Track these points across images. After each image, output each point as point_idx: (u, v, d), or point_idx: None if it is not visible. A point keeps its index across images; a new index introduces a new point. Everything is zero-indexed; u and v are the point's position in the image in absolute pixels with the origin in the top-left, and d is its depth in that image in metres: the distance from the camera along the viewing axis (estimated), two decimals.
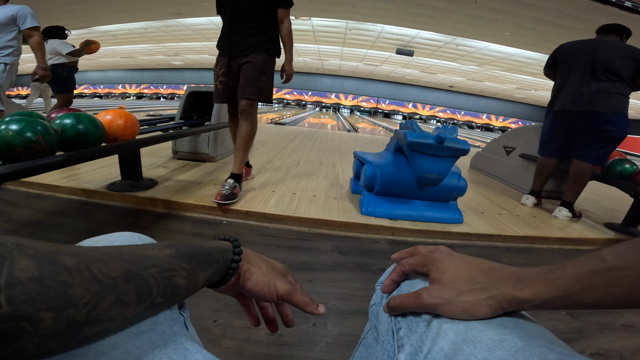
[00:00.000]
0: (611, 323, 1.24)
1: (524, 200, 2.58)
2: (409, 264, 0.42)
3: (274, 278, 0.44)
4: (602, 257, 0.30)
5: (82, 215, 1.71)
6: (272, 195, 2.06)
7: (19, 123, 1.17)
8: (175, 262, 0.31)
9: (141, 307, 0.27)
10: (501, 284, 0.34)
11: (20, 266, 0.19)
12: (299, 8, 9.08)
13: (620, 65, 2.09)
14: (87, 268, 0.23)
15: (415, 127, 1.70)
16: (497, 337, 0.30)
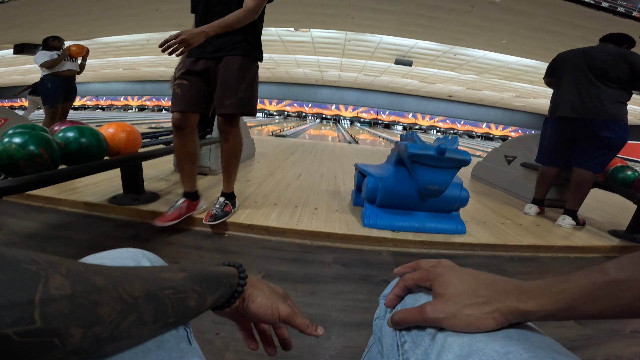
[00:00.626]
0: (620, 330, 1.23)
1: (526, 209, 2.57)
2: (412, 278, 0.42)
3: (276, 301, 0.46)
4: (605, 270, 0.31)
5: (84, 229, 1.71)
6: (274, 209, 2.06)
7: (22, 136, 1.18)
8: (189, 284, 0.33)
9: (156, 326, 0.28)
10: (505, 296, 0.34)
11: (54, 284, 0.20)
12: (299, 20, 9.22)
13: (616, 71, 2.11)
14: (114, 288, 0.24)
15: (416, 138, 1.70)
16: (503, 349, 0.30)
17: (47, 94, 3.96)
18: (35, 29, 9.45)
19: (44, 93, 3.95)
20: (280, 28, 10.43)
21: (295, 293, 1.28)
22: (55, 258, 0.22)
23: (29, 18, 8.63)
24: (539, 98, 17.63)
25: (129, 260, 0.41)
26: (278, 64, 17.20)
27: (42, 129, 1.31)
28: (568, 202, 2.36)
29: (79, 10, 8.10)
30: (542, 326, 1.18)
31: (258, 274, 1.40)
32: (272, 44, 12.60)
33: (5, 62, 15.04)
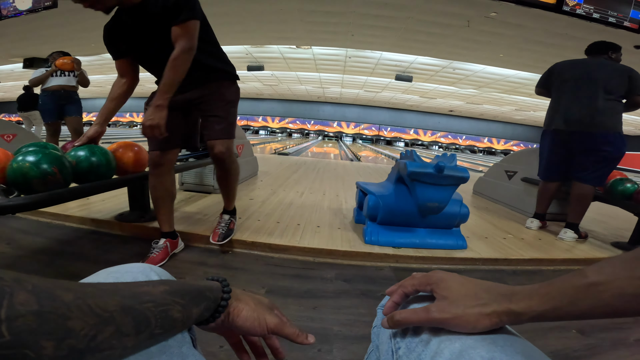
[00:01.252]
0: (624, 339, 1.23)
1: (528, 223, 2.58)
2: (411, 284, 0.45)
3: (263, 313, 0.46)
4: (585, 273, 0.34)
5: (91, 244, 1.75)
6: (277, 226, 2.09)
7: (35, 155, 1.21)
8: (169, 297, 0.33)
9: (141, 336, 0.29)
10: (500, 299, 0.37)
11: (19, 300, 0.20)
12: (300, 37, 9.38)
13: (616, 83, 2.14)
14: (84, 302, 0.24)
15: (415, 156, 1.74)
16: (488, 355, 0.33)
17: (40, 110, 3.99)
18: (45, 44, 9.62)
19: (39, 110, 4.00)
20: (282, 45, 10.62)
21: (298, 308, 1.30)
22: (23, 275, 0.22)
23: (39, 32, 8.78)
24: (539, 111, 17.69)
25: (139, 274, 0.44)
26: (280, 81, 17.42)
27: (54, 147, 1.36)
28: (569, 215, 2.37)
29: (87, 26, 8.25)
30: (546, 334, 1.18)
31: (261, 289, 1.42)
32: (274, 61, 12.79)
33: (15, 76, 15.28)
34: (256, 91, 20.81)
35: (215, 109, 1.58)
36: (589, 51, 2.38)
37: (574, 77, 2.28)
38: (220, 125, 1.59)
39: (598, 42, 2.34)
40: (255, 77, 16.27)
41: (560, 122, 2.34)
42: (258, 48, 10.97)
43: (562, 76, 2.37)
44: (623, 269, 0.32)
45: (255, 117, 25.42)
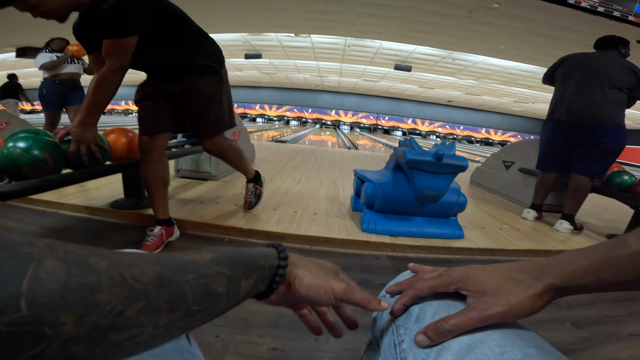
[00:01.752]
0: (617, 332, 1.24)
1: (525, 214, 2.58)
2: (428, 286, 0.40)
3: (328, 279, 0.41)
4: (628, 242, 0.32)
5: (85, 233, 1.73)
6: (274, 214, 2.07)
7: (26, 141, 1.19)
8: (215, 267, 0.30)
9: (175, 314, 0.25)
10: (540, 275, 0.35)
11: (47, 268, 0.18)
12: (299, 25, 9.28)
13: (624, 79, 2.13)
14: (118, 272, 0.22)
15: (414, 144, 1.73)
16: (499, 349, 0.31)
17: (42, 100, 3.82)
18: (38, 33, 9.46)
19: (40, 99, 3.83)
20: (281, 34, 10.50)
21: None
22: (58, 242, 0.20)
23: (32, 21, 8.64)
24: (537, 103, 17.70)
25: None
26: (278, 69, 17.28)
27: (45, 134, 1.33)
28: (565, 207, 2.38)
29: None
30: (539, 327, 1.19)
31: None
32: (272, 49, 12.66)
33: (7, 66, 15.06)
34: (254, 79, 20.63)
35: (195, 109, 1.55)
36: (598, 45, 2.36)
37: (584, 70, 2.26)
38: (202, 124, 1.58)
39: (608, 36, 2.32)
40: (253, 65, 16.11)
41: (563, 112, 2.32)
42: (256, 36, 10.84)
43: (571, 68, 2.34)
44: None
45: (252, 105, 25.29)
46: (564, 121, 2.32)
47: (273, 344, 1.01)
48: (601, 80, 2.17)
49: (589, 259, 0.34)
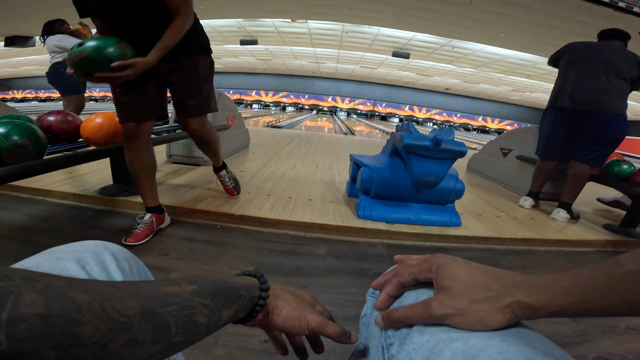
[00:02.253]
0: (614, 326, 1.22)
1: (522, 202, 2.56)
2: (409, 272, 0.38)
3: (304, 311, 0.42)
4: (621, 262, 0.29)
5: (72, 220, 1.67)
6: (267, 200, 2.03)
7: (5, 126, 1.15)
8: (197, 299, 0.29)
9: (158, 347, 0.25)
10: (515, 290, 0.32)
11: (25, 301, 0.18)
12: (296, 11, 9.11)
13: (629, 69, 2.12)
14: (100, 305, 0.21)
15: (412, 129, 1.68)
16: (500, 356, 0.27)
17: (70, 82, 3.56)
18: (26, 22, 9.27)
19: (67, 82, 3.56)
20: (277, 19, 10.30)
21: (288, 286, 1.26)
22: (35, 274, 0.20)
23: (20, 10, 8.44)
24: (535, 92, 17.64)
25: (88, 254, 0.38)
26: (274, 56, 17.04)
27: (27, 119, 1.27)
28: (563, 195, 2.36)
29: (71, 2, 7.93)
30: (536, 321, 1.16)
31: (250, 266, 1.37)
32: (268, 35, 12.46)
33: None
34: (250, 66, 20.37)
35: (187, 85, 1.50)
36: (604, 35, 2.32)
37: (590, 58, 2.23)
38: (193, 102, 1.52)
39: (614, 28, 2.29)
40: (249, 51, 15.87)
41: (567, 99, 2.29)
42: (252, 22, 10.64)
43: (575, 56, 2.31)
44: None
45: (248, 92, 25.04)
46: (567, 108, 2.28)
47: (264, 335, 0.97)
48: (607, 69, 2.14)
49: (574, 279, 0.30)
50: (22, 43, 11.20)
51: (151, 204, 1.56)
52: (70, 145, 1.61)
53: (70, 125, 1.61)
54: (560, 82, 2.39)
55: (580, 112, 2.22)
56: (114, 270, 0.39)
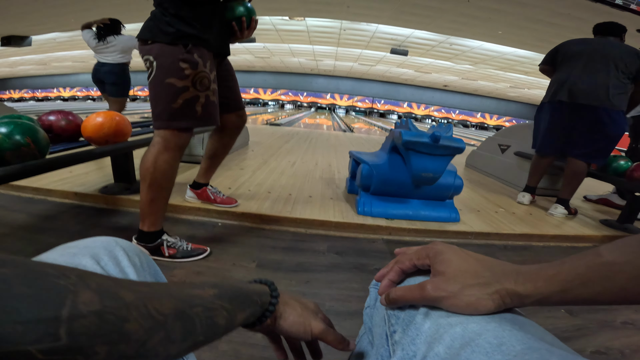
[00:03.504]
0: (611, 321, 1.23)
1: (520, 198, 2.57)
2: (409, 259, 0.41)
3: (309, 318, 0.45)
4: (600, 252, 0.30)
5: (74, 219, 1.68)
6: (268, 197, 2.04)
7: (7, 126, 1.16)
8: (218, 302, 0.32)
9: (185, 344, 0.27)
10: (504, 278, 0.33)
11: (83, 299, 0.19)
12: (294, 9, 9.08)
13: (627, 63, 2.10)
14: (143, 304, 0.23)
15: (411, 126, 1.69)
16: (496, 340, 0.29)
17: (127, 83, 3.73)
18: (22, 21, 9.23)
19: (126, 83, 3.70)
20: (275, 17, 10.27)
21: (289, 282, 1.28)
22: (86, 272, 0.22)
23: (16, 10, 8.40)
24: (533, 89, 17.66)
25: (102, 249, 0.40)
26: (273, 53, 17.00)
27: (29, 119, 1.28)
28: (561, 191, 2.37)
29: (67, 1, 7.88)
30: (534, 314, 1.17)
31: (252, 263, 1.39)
32: (266, 33, 12.42)
33: None
34: (248, 63, 20.31)
35: (234, 75, 1.58)
36: (599, 30, 2.31)
37: (585, 52, 2.21)
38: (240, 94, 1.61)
39: (609, 22, 2.29)
40: (247, 49, 15.83)
41: (565, 93, 2.25)
42: None
43: (573, 52, 2.28)
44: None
45: (246, 90, 24.98)
46: (566, 103, 2.25)
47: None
48: (607, 64, 2.12)
49: (556, 268, 0.32)
50: (18, 43, 11.17)
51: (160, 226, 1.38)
52: (71, 145, 1.61)
53: (71, 124, 1.61)
54: (559, 77, 2.35)
55: (580, 107, 2.19)
56: (126, 265, 0.41)
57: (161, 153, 1.27)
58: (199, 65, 1.23)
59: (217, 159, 1.74)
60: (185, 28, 1.19)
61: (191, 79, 1.22)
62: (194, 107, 1.26)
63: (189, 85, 1.23)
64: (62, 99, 24.15)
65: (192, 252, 1.38)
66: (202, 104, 1.27)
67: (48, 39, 12.68)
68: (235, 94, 1.58)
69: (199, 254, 1.39)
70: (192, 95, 1.24)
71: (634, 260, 0.28)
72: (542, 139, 2.47)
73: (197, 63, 1.22)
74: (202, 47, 1.24)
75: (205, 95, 1.28)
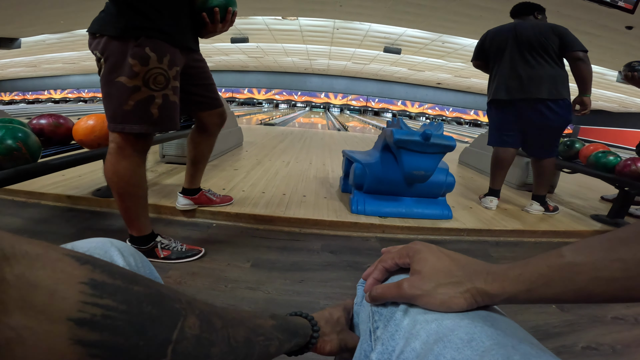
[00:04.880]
0: (602, 316, 1.24)
1: (487, 203, 2.30)
2: (391, 257, 0.42)
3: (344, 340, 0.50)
4: (562, 253, 0.31)
5: (68, 222, 1.68)
6: (262, 197, 2.05)
7: None
8: (275, 333, 0.36)
9: None
10: (475, 277, 0.35)
11: (189, 324, 0.22)
12: (286, 8, 9.06)
13: (547, 42, 1.99)
14: (226, 331, 0.27)
15: (402, 124, 1.71)
16: (467, 336, 0.30)
17: None
18: (11, 23, 9.12)
19: None
20: (268, 17, 10.25)
21: (284, 281, 1.29)
22: (192, 299, 0.25)
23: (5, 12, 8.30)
24: None
25: (97, 250, 0.40)
26: (266, 53, 16.95)
27: (20, 123, 1.28)
28: (534, 188, 2.32)
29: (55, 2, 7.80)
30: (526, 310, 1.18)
31: (247, 263, 1.40)
32: (259, 33, 12.38)
33: None
34: (241, 63, 20.24)
35: (209, 74, 1.47)
36: (514, 13, 2.23)
37: (504, 43, 2.13)
38: (218, 93, 1.55)
39: (522, 2, 2.19)
40: (240, 49, 15.75)
41: (502, 91, 2.16)
42: (242, 19, 10.55)
43: (493, 43, 2.20)
44: (601, 249, 0.29)
45: (240, 89, 24.89)
46: (505, 100, 2.17)
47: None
48: (530, 48, 2.03)
49: (522, 269, 0.33)
50: (8, 45, 11.04)
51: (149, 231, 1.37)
52: (62, 148, 1.61)
53: (62, 127, 1.61)
54: (492, 73, 2.27)
55: (517, 102, 2.12)
56: (121, 265, 0.42)
57: (119, 161, 1.17)
58: (151, 61, 1.08)
59: (203, 162, 1.69)
60: (136, 19, 1.05)
61: (142, 77, 1.08)
62: (148, 109, 1.12)
63: (139, 85, 1.08)
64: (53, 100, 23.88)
65: (186, 253, 1.38)
66: (159, 105, 1.13)
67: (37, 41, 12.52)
68: (212, 91, 1.49)
69: (194, 254, 1.39)
70: (146, 96, 1.10)
71: (593, 262, 0.29)
72: (497, 133, 2.32)
73: (148, 58, 1.08)
74: (158, 40, 1.10)
75: (162, 95, 1.13)
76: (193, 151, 1.63)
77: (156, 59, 1.10)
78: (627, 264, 0.27)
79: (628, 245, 0.28)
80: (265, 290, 1.22)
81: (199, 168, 1.70)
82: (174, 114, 1.21)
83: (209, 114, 1.53)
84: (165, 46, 1.13)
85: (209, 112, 1.52)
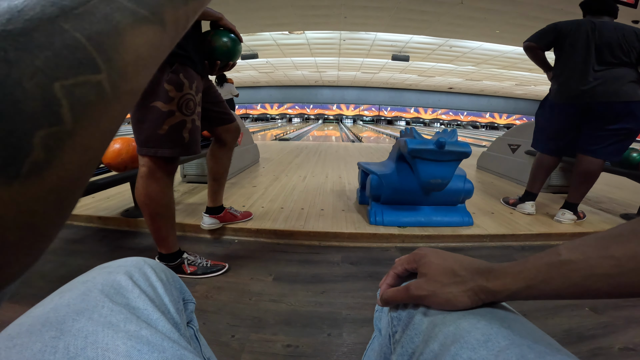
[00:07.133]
0: (638, 317, 1.21)
1: (527, 208, 2.23)
2: (401, 264, 0.46)
3: None
4: (558, 251, 0.33)
5: (100, 242, 1.76)
6: (281, 212, 2.09)
7: None
8: None
9: None
10: (478, 276, 0.37)
11: None
12: (292, 23, 9.26)
13: (628, 48, 1.85)
14: None
15: (415, 134, 1.72)
16: (483, 337, 0.32)
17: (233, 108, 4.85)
18: None
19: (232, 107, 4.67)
20: (275, 32, 10.49)
21: (306, 293, 1.31)
22: None
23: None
24: (540, 85, 17.50)
25: (133, 267, 0.44)
26: (276, 68, 17.27)
27: None
28: (570, 194, 2.10)
29: None
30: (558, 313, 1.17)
31: (269, 276, 1.43)
32: (268, 48, 12.66)
33: None
34: (252, 79, 20.65)
35: (219, 93, 1.56)
36: (589, 9, 2.04)
37: (584, 40, 1.94)
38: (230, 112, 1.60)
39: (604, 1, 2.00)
40: (250, 65, 16.12)
41: (573, 91, 1.98)
42: (250, 36, 10.83)
43: (568, 39, 2.01)
44: (595, 247, 0.31)
45: (253, 105, 25.30)
46: (575, 101, 1.99)
47: (287, 340, 1.03)
48: (610, 50, 1.87)
49: (521, 266, 0.34)
50: None
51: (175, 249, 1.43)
52: None
53: None
54: (561, 71, 2.07)
55: (591, 104, 1.93)
56: (154, 280, 0.45)
57: (150, 185, 1.22)
58: (185, 87, 1.14)
59: (224, 176, 1.75)
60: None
61: (177, 103, 1.14)
62: (181, 133, 1.17)
63: (174, 109, 1.14)
64: None
65: (211, 269, 1.43)
66: (190, 129, 1.20)
67: None
68: (224, 108, 1.56)
69: (218, 269, 1.44)
70: (179, 121, 1.16)
71: (588, 259, 0.30)
72: (548, 137, 2.19)
73: (183, 84, 1.14)
74: (188, 67, 1.16)
75: (191, 120, 1.20)
76: (215, 166, 1.69)
77: (188, 85, 1.16)
78: (620, 260, 0.28)
79: (621, 242, 0.29)
80: (288, 302, 1.25)
81: (221, 183, 1.76)
82: (198, 138, 1.28)
83: (226, 129, 1.60)
84: (193, 73, 1.20)
85: (226, 126, 1.59)
